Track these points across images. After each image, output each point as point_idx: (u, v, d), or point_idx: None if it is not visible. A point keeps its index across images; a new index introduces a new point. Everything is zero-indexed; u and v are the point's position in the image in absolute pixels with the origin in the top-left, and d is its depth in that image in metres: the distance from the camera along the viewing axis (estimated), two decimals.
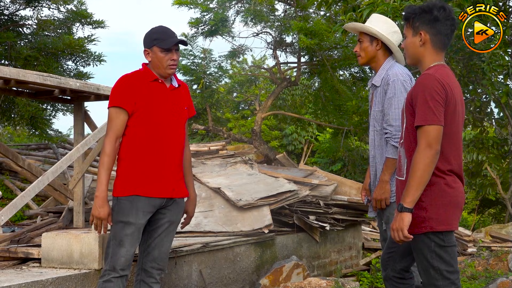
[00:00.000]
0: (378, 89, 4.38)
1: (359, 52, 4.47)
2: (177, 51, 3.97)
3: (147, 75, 3.97)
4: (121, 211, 3.84)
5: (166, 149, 3.93)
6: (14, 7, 10.59)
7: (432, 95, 3.16)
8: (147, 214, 3.88)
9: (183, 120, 4.07)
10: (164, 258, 4.05)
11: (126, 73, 4.02)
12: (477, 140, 12.37)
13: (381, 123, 4.33)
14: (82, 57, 10.55)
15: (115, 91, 3.91)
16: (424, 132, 3.16)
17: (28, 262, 4.99)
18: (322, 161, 19.76)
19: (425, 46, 3.36)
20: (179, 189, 4.04)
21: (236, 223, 6.56)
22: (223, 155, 9.58)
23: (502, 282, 6.45)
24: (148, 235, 3.99)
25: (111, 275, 3.81)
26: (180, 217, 4.15)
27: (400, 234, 3.19)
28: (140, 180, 3.86)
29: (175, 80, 4.10)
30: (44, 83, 5.36)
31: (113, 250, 3.83)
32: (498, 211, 19.65)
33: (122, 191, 3.86)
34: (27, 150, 10.94)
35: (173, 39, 3.93)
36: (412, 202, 3.17)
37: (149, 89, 3.93)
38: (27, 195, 5.36)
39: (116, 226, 3.84)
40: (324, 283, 6.02)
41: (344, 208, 7.91)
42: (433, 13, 3.33)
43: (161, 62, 3.92)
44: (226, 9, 15.07)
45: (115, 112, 3.86)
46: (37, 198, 8.15)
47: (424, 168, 3.14)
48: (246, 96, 21.30)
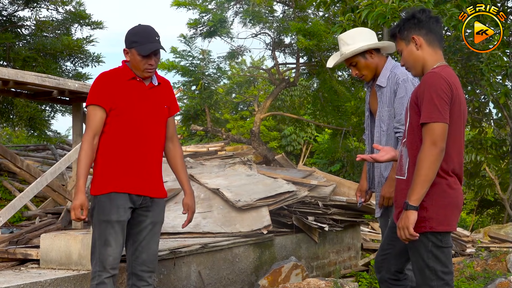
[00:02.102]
0: (384, 89, 4.32)
1: (361, 73, 4.40)
2: (156, 55, 3.91)
3: (125, 73, 3.93)
4: (102, 210, 3.80)
5: (143, 148, 3.89)
6: (12, 8, 10.60)
7: (438, 93, 3.16)
8: (127, 210, 3.84)
9: (162, 119, 4.02)
10: (153, 260, 4.00)
11: (105, 71, 3.99)
12: (475, 140, 12.39)
13: (388, 123, 4.29)
14: (81, 58, 10.57)
15: (93, 89, 3.89)
16: (429, 130, 3.16)
17: (26, 263, 4.98)
18: (321, 162, 19.78)
19: (422, 48, 3.38)
20: (157, 188, 4.00)
21: (235, 224, 6.56)
22: (222, 156, 9.59)
23: (500, 283, 6.45)
24: (133, 239, 3.95)
25: (103, 276, 3.77)
26: (163, 217, 4.10)
27: (406, 232, 3.19)
28: (117, 177, 3.82)
29: (155, 78, 4.04)
30: (42, 84, 5.36)
31: (100, 250, 3.78)
32: (497, 212, 19.64)
33: (100, 189, 3.83)
34: (26, 151, 10.94)
35: (152, 45, 3.86)
36: (418, 200, 3.17)
37: (127, 87, 3.89)
38: (25, 196, 5.36)
39: (100, 226, 3.80)
40: (323, 283, 6.02)
41: (343, 209, 7.91)
42: (416, 17, 3.39)
43: (138, 65, 3.88)
44: (224, 10, 15.08)
45: (92, 109, 3.84)
46: (36, 199, 8.14)
47: (429, 165, 3.14)
48: (245, 97, 21.30)
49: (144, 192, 3.90)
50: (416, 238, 3.21)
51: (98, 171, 3.88)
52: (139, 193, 3.88)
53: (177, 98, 21.29)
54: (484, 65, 8.39)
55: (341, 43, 4.44)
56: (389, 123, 4.30)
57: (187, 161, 8.58)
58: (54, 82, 5.44)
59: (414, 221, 3.18)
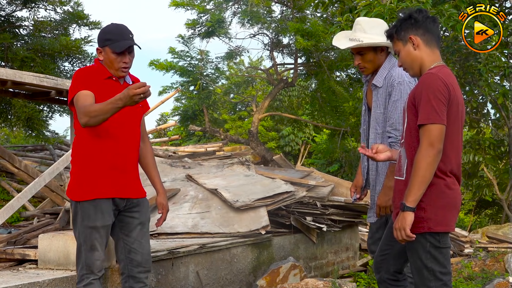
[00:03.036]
0: (379, 89, 4.27)
1: (364, 64, 4.32)
2: (130, 53, 3.84)
3: (101, 72, 3.84)
4: (87, 217, 3.73)
5: (122, 149, 3.83)
6: (10, 8, 10.59)
7: (435, 94, 3.17)
8: (112, 213, 3.81)
9: (138, 119, 3.97)
10: (148, 260, 3.98)
11: (81, 68, 3.90)
12: (473, 141, 12.42)
13: (383, 125, 4.24)
14: (79, 58, 10.56)
15: (76, 81, 3.74)
16: (426, 131, 3.17)
17: (24, 263, 4.98)
18: (319, 162, 19.80)
19: (420, 48, 3.38)
20: (139, 188, 3.98)
21: (233, 224, 6.56)
22: (220, 156, 9.59)
23: (498, 283, 6.46)
24: (124, 241, 3.92)
25: (90, 277, 3.75)
26: (149, 215, 4.07)
27: (403, 233, 3.20)
28: (100, 182, 3.75)
29: (129, 77, 3.98)
30: (40, 85, 5.35)
31: (86, 255, 3.75)
32: (495, 212, 19.66)
33: (82, 195, 3.75)
34: (24, 152, 10.95)
35: (125, 42, 3.78)
36: (415, 201, 3.17)
37: (104, 86, 3.79)
38: (23, 196, 5.35)
39: (85, 232, 3.74)
40: (321, 284, 6.02)
41: (341, 209, 7.91)
42: (413, 17, 3.39)
43: (112, 63, 3.81)
44: (223, 11, 15.09)
45: (82, 93, 3.67)
46: (34, 200, 8.14)
47: (426, 167, 3.15)
48: (243, 97, 21.32)
49: (127, 194, 3.87)
50: (413, 239, 3.21)
51: (78, 175, 3.80)
52: (122, 196, 3.84)
53: (175, 98, 21.36)
54: (482, 65, 8.40)
55: (358, 28, 4.33)
56: (384, 125, 4.24)
57: (185, 161, 8.58)
58: (52, 83, 5.44)
59: (411, 222, 3.18)
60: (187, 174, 7.68)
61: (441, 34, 9.89)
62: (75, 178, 3.81)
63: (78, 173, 3.80)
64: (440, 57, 3.43)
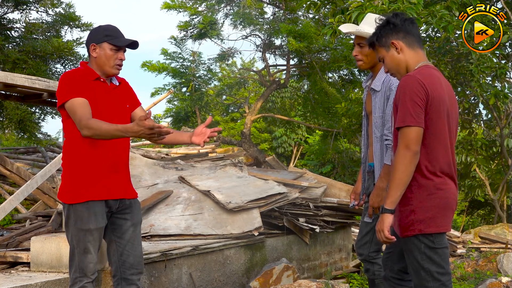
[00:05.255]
0: (378, 93, 4.28)
1: (361, 57, 4.34)
2: (124, 52, 3.87)
3: (88, 74, 3.82)
4: (80, 220, 3.72)
5: (113, 150, 3.82)
6: (2, 10, 10.56)
7: (410, 97, 3.19)
8: (105, 215, 3.80)
9: (126, 119, 3.96)
10: (141, 261, 3.97)
11: (68, 71, 3.88)
12: (466, 141, 12.45)
13: (381, 129, 4.25)
14: (71, 60, 10.54)
15: (67, 85, 3.72)
16: (402, 134, 3.19)
17: (17, 266, 4.96)
18: (312, 164, 19.79)
19: (403, 51, 3.41)
20: (130, 189, 3.97)
21: (226, 225, 6.55)
22: (212, 158, 9.58)
23: (491, 283, 6.48)
24: (116, 243, 3.90)
25: (84, 281, 3.74)
26: (141, 217, 4.07)
27: (382, 235, 3.24)
28: (92, 184, 3.74)
29: (115, 78, 3.97)
30: (32, 87, 5.35)
31: (79, 258, 3.74)
32: (487, 213, 19.72)
33: (75, 197, 3.73)
34: (16, 154, 10.91)
35: (126, 38, 3.84)
36: (392, 203, 3.19)
37: (92, 88, 3.78)
38: (15, 199, 5.35)
39: (78, 235, 3.73)
40: (314, 285, 6.02)
41: (334, 210, 7.92)
42: (391, 22, 3.42)
43: (108, 60, 3.80)
44: (215, 12, 15.10)
45: (76, 100, 3.65)
46: (26, 202, 8.12)
47: (402, 169, 3.17)
48: (235, 98, 21.33)
49: (120, 195, 3.86)
50: (393, 241, 3.25)
51: (69, 178, 3.78)
52: (115, 197, 3.83)
53: (168, 100, 21.34)
54: (474, 66, 8.42)
55: (366, 21, 4.35)
56: (383, 129, 4.25)
57: (178, 163, 8.56)
58: (44, 85, 5.43)
59: (389, 224, 3.21)
60: (180, 176, 7.66)
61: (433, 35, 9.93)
62: (67, 181, 3.79)
63: (70, 175, 3.78)
64: (425, 57, 3.47)
